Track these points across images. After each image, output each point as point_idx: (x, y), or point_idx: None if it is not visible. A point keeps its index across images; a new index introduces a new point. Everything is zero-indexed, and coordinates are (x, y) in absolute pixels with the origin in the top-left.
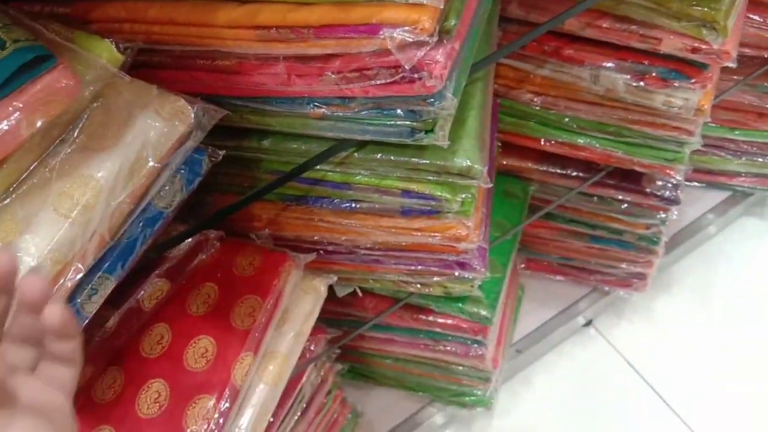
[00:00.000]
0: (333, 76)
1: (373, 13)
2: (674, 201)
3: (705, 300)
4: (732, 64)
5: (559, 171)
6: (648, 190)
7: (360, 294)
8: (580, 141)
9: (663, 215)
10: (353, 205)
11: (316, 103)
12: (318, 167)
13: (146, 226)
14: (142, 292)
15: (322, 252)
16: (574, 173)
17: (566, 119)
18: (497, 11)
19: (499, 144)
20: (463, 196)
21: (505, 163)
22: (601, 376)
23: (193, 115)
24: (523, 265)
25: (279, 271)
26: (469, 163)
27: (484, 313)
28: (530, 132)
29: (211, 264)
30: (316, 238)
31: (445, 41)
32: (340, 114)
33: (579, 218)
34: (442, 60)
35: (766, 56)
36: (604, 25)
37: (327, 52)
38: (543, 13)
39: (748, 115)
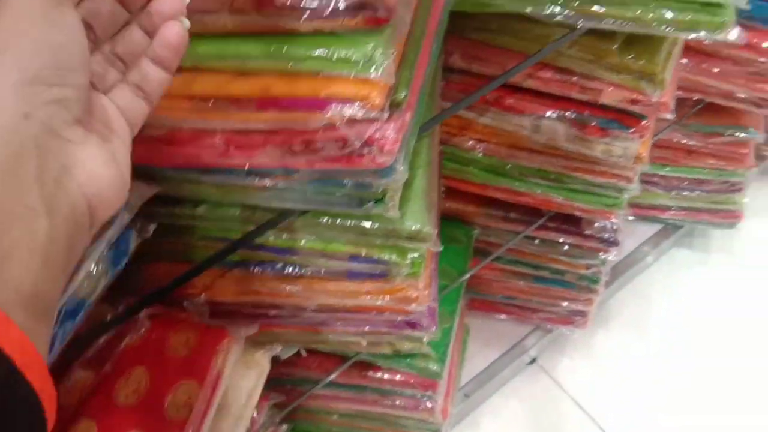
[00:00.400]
0: (276, 149)
1: (321, 87)
2: (613, 243)
3: (641, 332)
4: (669, 115)
5: (501, 215)
6: (588, 232)
7: (304, 354)
8: (522, 187)
9: (603, 256)
10: (297, 269)
11: (258, 175)
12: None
13: (65, 320)
14: (62, 387)
15: (263, 317)
16: (517, 217)
17: (508, 166)
18: (440, 63)
19: (443, 189)
20: (413, 256)
21: (447, 206)
22: (546, 413)
23: None
24: (466, 305)
25: (217, 350)
26: (418, 227)
27: (433, 367)
28: (473, 178)
29: (140, 345)
30: (257, 303)
31: (395, 115)
32: (284, 185)
33: (522, 260)
34: (392, 135)
35: (694, 98)
36: (546, 76)
37: (269, 127)
38: (485, 64)
39: (678, 153)
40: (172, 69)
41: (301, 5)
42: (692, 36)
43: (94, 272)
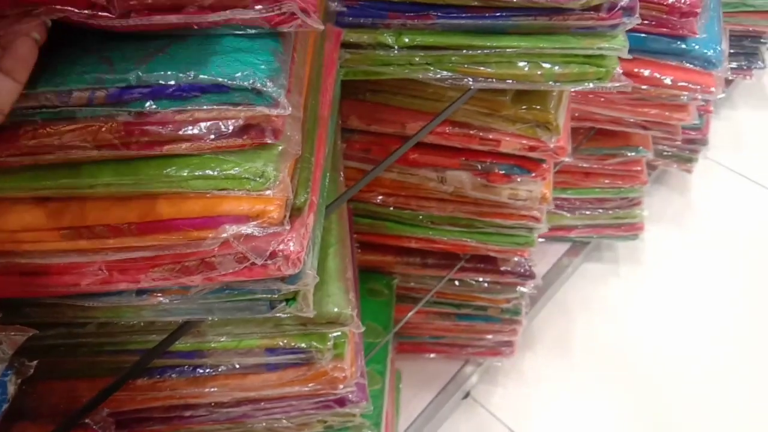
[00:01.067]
0: (167, 268)
1: (211, 206)
2: (529, 276)
3: (565, 351)
4: (568, 159)
5: (420, 261)
6: (504, 268)
7: None
8: (436, 235)
9: (521, 289)
10: (209, 370)
11: (149, 293)
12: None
13: None
14: None
15: (177, 418)
16: (435, 262)
17: (420, 217)
18: (338, 127)
19: (358, 246)
20: (334, 336)
21: (365, 259)
22: None
23: None
24: (394, 349)
25: None
26: (336, 310)
27: None
28: (387, 231)
29: None
30: (168, 406)
31: (297, 222)
32: (180, 298)
33: (444, 300)
34: (296, 246)
35: (587, 125)
36: (446, 131)
37: (155, 252)
38: (384, 124)
39: (577, 176)
40: (22, 82)
41: (180, 132)
42: (579, 88)
43: None
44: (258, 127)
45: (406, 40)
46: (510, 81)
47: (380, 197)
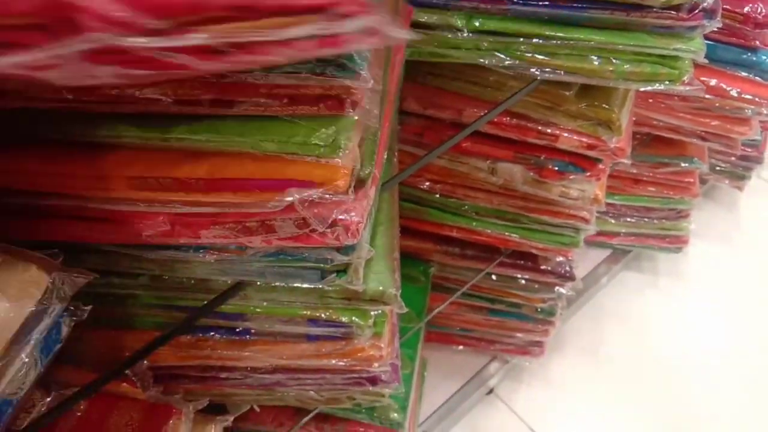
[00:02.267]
0: (228, 227)
1: (280, 169)
2: (570, 277)
3: (595, 358)
4: (627, 161)
5: (459, 252)
6: (544, 267)
7: (257, 410)
8: (479, 227)
9: (559, 289)
10: (250, 334)
11: (206, 250)
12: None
13: None
14: None
15: (213, 379)
16: (474, 254)
17: (465, 206)
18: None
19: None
20: (374, 314)
21: (404, 244)
22: None
23: (49, 286)
24: (423, 338)
25: (165, 430)
26: (381, 288)
27: (395, 416)
28: (429, 218)
29: (76, 427)
30: (206, 366)
31: (360, 193)
32: (235, 259)
33: (478, 294)
34: (357, 217)
35: (644, 131)
36: (503, 121)
37: (219, 209)
38: (441, 110)
39: (626, 182)
40: None
41: (258, 95)
42: (649, 88)
43: (23, 370)
44: (337, 97)
45: (477, 24)
46: (578, 75)
47: (427, 183)
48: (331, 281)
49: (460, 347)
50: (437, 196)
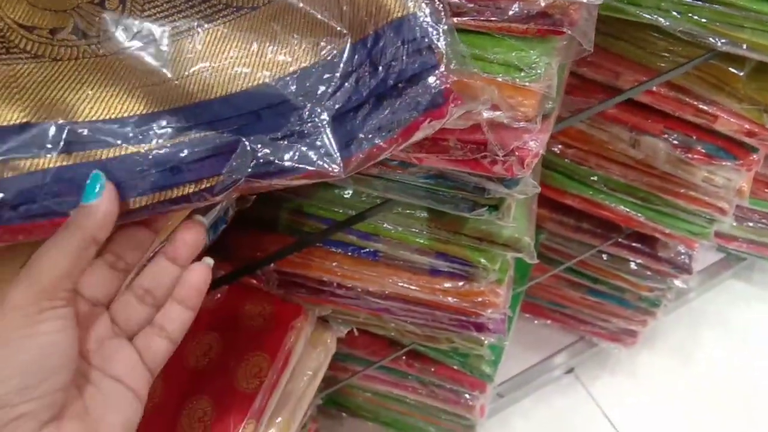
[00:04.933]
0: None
1: (470, 85)
2: (687, 270)
3: (687, 359)
4: None
5: (573, 224)
6: (662, 255)
7: (357, 334)
8: (605, 200)
9: (671, 281)
10: (377, 256)
11: None
12: (343, 211)
13: None
14: None
15: (329, 293)
16: (589, 228)
17: (594, 177)
18: None
19: None
20: (502, 260)
21: None
22: (576, 425)
23: None
24: None
25: (291, 326)
26: (517, 236)
27: (487, 370)
28: (554, 183)
29: (214, 310)
30: (327, 280)
31: (544, 125)
32: (396, 176)
33: (583, 270)
34: (535, 149)
35: None
36: (660, 92)
37: None
38: (596, 70)
39: (758, 185)
40: (195, 308)
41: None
42: None
43: None
44: (552, 17)
45: None
46: (762, 53)
47: (559, 146)
48: (479, 214)
49: (548, 322)
50: (566, 161)
